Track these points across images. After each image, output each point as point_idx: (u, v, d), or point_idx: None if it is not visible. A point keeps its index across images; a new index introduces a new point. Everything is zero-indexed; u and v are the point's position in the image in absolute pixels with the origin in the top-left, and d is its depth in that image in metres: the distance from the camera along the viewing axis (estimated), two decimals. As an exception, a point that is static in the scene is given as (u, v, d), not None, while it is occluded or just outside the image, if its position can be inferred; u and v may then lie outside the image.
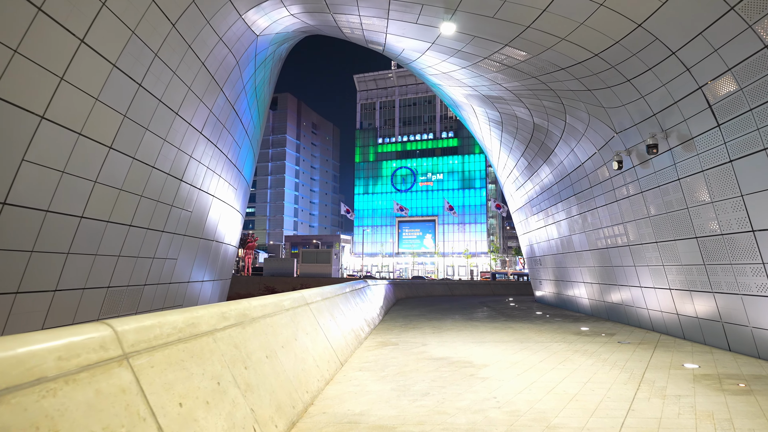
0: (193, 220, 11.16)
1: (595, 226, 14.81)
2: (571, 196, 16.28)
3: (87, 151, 6.83)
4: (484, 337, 10.87)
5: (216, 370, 4.01)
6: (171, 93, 8.29)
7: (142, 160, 8.24)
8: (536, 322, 14.33)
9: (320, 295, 8.63)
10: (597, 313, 15.96)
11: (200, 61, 8.77)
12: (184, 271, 11.63)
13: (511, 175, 22.85)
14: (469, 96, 16.47)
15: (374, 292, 16.77)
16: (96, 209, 7.41)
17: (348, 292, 11.50)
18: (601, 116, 12.12)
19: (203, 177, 10.97)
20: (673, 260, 10.54)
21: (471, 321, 14.53)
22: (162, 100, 8.07)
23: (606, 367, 7.47)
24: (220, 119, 10.77)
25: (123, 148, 7.59)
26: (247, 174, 16.24)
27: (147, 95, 7.63)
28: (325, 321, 8.07)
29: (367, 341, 10.20)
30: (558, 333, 11.63)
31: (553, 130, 15.23)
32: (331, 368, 7.10)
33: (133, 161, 7.91)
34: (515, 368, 7.28)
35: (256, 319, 5.37)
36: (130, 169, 7.89)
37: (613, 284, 14.28)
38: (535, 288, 25.60)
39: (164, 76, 7.86)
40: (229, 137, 12.00)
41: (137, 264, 9.05)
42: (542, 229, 20.94)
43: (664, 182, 10.27)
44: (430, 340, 10.25)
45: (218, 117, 10.63)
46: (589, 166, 14.23)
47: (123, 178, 7.84)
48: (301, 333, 6.57)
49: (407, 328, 12.69)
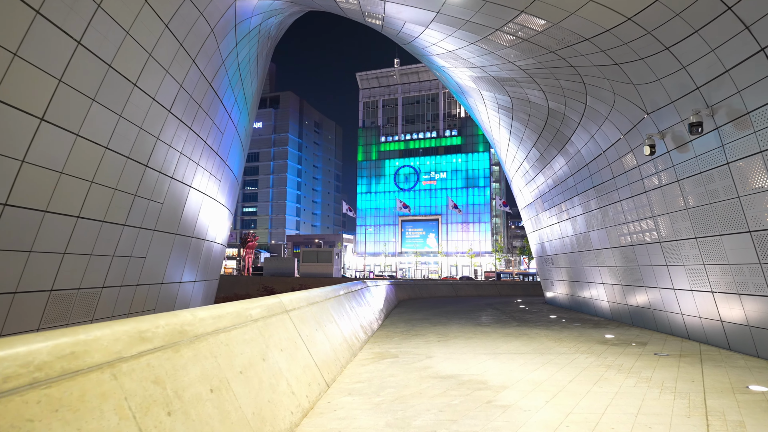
0: (165, 213, 9.80)
1: (617, 222, 13.35)
2: (590, 188, 14.82)
3: (9, 124, 5.48)
4: (497, 346, 9.45)
5: (107, 426, 2.58)
6: (125, 58, 6.93)
7: (89, 138, 6.88)
8: (552, 327, 12.89)
9: (305, 300, 7.24)
10: (619, 317, 14.49)
11: (163, 23, 7.40)
12: (156, 271, 10.28)
13: (521, 168, 21.38)
14: (477, 79, 15.03)
15: (373, 294, 15.37)
16: (29, 196, 6.07)
17: (342, 295, 10.10)
18: (629, 95, 10.66)
19: (176, 164, 9.61)
20: (717, 258, 9.08)
21: (480, 326, 13.11)
22: (113, 66, 6.71)
23: (654, 390, 6.04)
24: (194, 98, 9.42)
25: (60, 122, 6.23)
26: (234, 166, 14.87)
27: (90, 57, 6.27)
28: (310, 331, 6.68)
29: (363, 352, 8.80)
30: (581, 342, 10.19)
31: (571, 115, 13.77)
32: (313, 393, 5.67)
33: (76, 138, 6.55)
34: (541, 391, 5.86)
35: (201, 338, 3.96)
36: (74, 148, 6.53)
37: (638, 286, 12.81)
38: (545, 289, 24.13)
39: (113, 35, 6.49)
40: (207, 120, 10.64)
41: (91, 263, 7.70)
42: (555, 226, 19.48)
43: (708, 168, 8.81)
44: (435, 351, 8.84)
45: (191, 95, 9.28)
46: (612, 154, 12.76)
47: (64, 160, 6.48)
48: (273, 350, 5.16)
49: (409, 335, 11.28)
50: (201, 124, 10.26)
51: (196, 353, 3.74)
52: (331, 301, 8.84)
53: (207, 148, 11.13)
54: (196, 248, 12.84)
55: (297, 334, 6.11)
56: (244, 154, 17.08)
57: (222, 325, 4.34)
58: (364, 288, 14.11)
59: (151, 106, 7.95)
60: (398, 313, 17.40)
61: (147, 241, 9.32)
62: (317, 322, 7.25)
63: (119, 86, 7.11)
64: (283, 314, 5.97)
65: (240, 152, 15.64)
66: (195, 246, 12.77)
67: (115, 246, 8.22)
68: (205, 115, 10.31)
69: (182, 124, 9.25)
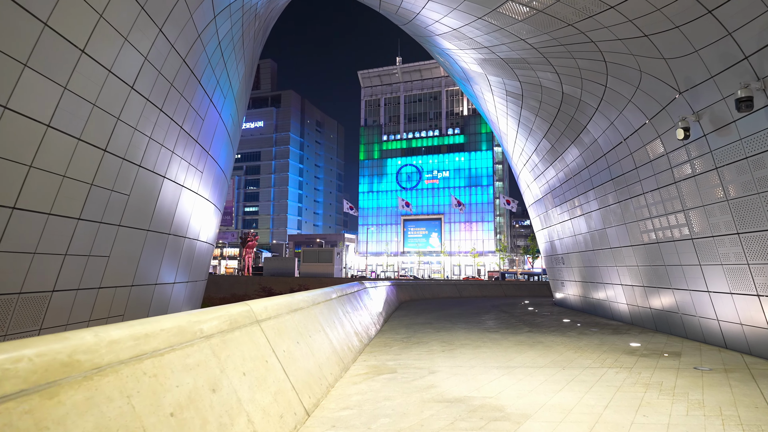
0: (133, 206, 8.64)
1: (640, 217, 12.11)
2: (608, 181, 13.58)
3: None
4: (510, 358, 8.24)
5: None
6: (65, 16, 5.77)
7: (22, 112, 5.72)
8: (568, 333, 11.66)
9: (285, 306, 6.06)
10: (639, 321, 13.25)
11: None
12: (125, 272, 9.12)
13: (530, 162, 20.14)
14: (484, 62, 13.82)
15: (372, 297, 14.19)
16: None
17: (335, 299, 8.93)
18: (658, 72, 9.43)
19: (144, 150, 8.45)
20: (765, 257, 7.85)
21: (488, 332, 11.90)
22: (49, 24, 5.56)
23: (714, 419, 4.82)
24: (164, 74, 8.26)
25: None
26: (220, 158, 13.70)
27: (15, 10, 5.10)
28: (289, 346, 5.51)
29: (357, 365, 7.61)
30: (605, 352, 8.97)
31: (588, 100, 12.54)
32: (286, 427, 4.48)
33: (4, 111, 5.39)
34: (573, 422, 4.66)
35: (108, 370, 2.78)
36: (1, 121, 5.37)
37: (663, 287, 11.58)
38: (554, 289, 22.88)
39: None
40: (183, 103, 9.48)
41: (35, 262, 6.55)
42: (567, 223, 18.23)
43: (757, 151, 7.57)
44: (439, 364, 7.65)
45: (160, 71, 8.11)
46: (635, 141, 11.52)
47: (-10, 137, 5.32)
48: (231, 375, 3.97)
49: (410, 343, 10.09)
50: (175, 106, 9.09)
51: (91, 396, 2.52)
52: (320, 306, 7.66)
53: (184, 135, 9.97)
54: (174, 246, 11.68)
55: (270, 351, 4.93)
56: (232, 147, 15.90)
57: (150, 348, 3.13)
58: (362, 290, 12.93)
59: (107, 80, 6.79)
60: (399, 317, 16.21)
61: (110, 238, 8.16)
62: (300, 333, 6.07)
63: (59, 51, 5.94)
64: (251, 326, 4.80)
65: (227, 143, 14.45)
66: (173, 244, 11.61)
67: (67, 243, 7.07)
68: (180, 97, 9.14)
69: (150, 104, 8.08)
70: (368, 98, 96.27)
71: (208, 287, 53.84)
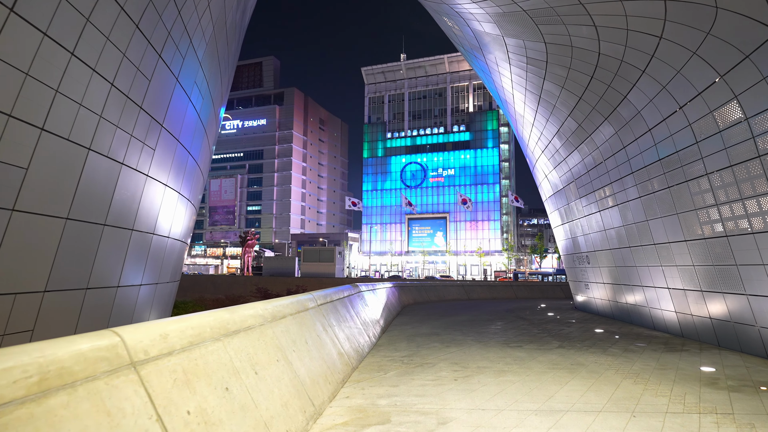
0: (81, 196, 6.42)
1: (699, 205, 9.72)
2: (653, 162, 11.19)
3: None
4: (548, 392, 5.90)
5: None
6: None
7: None
8: (611, 351, 9.29)
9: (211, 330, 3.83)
10: (693, 333, 10.85)
11: None
12: (76, 273, 6.92)
13: (549, 148, 17.75)
14: (503, 18, 11.47)
15: (367, 302, 11.88)
16: None
17: (312, 309, 6.66)
18: (744, 6, 7.06)
19: (84, 123, 6.19)
20: None
21: (510, 348, 9.56)
22: None
23: None
24: (111, 39, 6.05)
25: None
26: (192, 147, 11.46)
27: None
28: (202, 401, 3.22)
29: (334, 405, 5.32)
30: (676, 382, 6.61)
31: (633, 60, 10.16)
32: None
33: None
34: None
35: None
36: None
37: (731, 292, 9.20)
38: (576, 292, 20.47)
39: None
40: (141, 78, 7.23)
41: None
42: (593, 216, 15.84)
43: None
44: (451, 404, 5.33)
45: (102, 30, 5.90)
46: (697, 108, 9.14)
47: None
48: None
49: (411, 365, 7.78)
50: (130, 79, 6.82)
51: None
52: (285, 322, 5.36)
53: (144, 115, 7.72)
54: (139, 244, 9.49)
55: (153, 419, 2.65)
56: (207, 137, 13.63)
57: None
58: (354, 294, 10.63)
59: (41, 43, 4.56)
60: (400, 324, 13.91)
61: (49, 232, 5.96)
62: (235, 371, 3.78)
63: None
64: (113, 376, 2.49)
65: (198, 129, 12.20)
66: (138, 241, 9.41)
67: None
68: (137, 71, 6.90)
69: (92, 71, 5.84)
70: (372, 95, 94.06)
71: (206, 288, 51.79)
